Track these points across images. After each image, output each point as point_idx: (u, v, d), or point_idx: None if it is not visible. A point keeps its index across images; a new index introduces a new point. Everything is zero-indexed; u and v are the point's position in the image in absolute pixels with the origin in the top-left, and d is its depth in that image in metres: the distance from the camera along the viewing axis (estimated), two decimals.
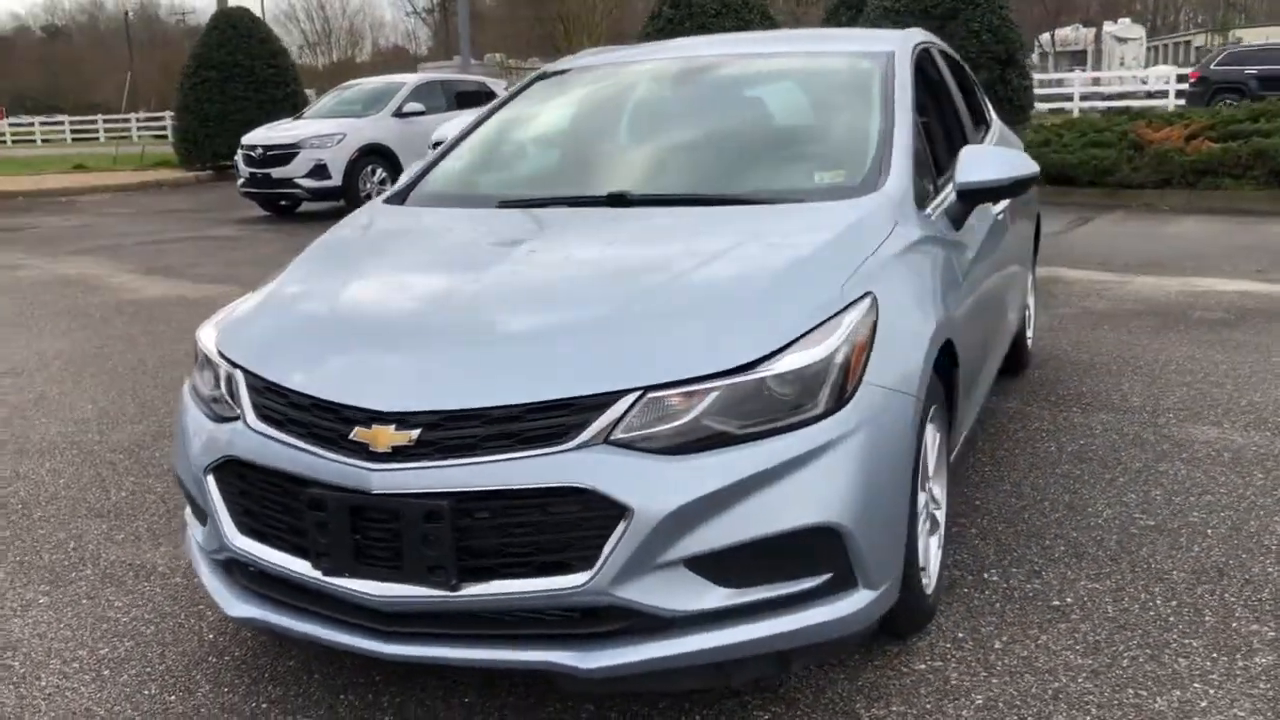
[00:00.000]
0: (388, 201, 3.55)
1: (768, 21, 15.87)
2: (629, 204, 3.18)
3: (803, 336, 2.42)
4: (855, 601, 2.42)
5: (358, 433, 2.34)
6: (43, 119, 49.46)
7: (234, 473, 2.54)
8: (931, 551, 3.00)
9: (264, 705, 2.68)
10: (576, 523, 2.24)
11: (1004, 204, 4.01)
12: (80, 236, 12.83)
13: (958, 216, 3.34)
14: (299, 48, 64.56)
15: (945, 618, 2.99)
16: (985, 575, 3.23)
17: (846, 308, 2.52)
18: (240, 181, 14.33)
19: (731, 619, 2.33)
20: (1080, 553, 3.35)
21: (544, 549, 2.26)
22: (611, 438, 2.26)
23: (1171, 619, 2.94)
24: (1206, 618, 2.94)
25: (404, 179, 3.73)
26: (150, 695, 2.75)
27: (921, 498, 2.84)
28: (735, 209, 3.07)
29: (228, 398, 2.63)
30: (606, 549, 2.22)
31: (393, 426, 2.31)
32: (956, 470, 3.98)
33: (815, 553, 2.36)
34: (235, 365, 2.65)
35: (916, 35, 4.08)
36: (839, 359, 2.42)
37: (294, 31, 67.28)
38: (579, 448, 2.25)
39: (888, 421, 2.47)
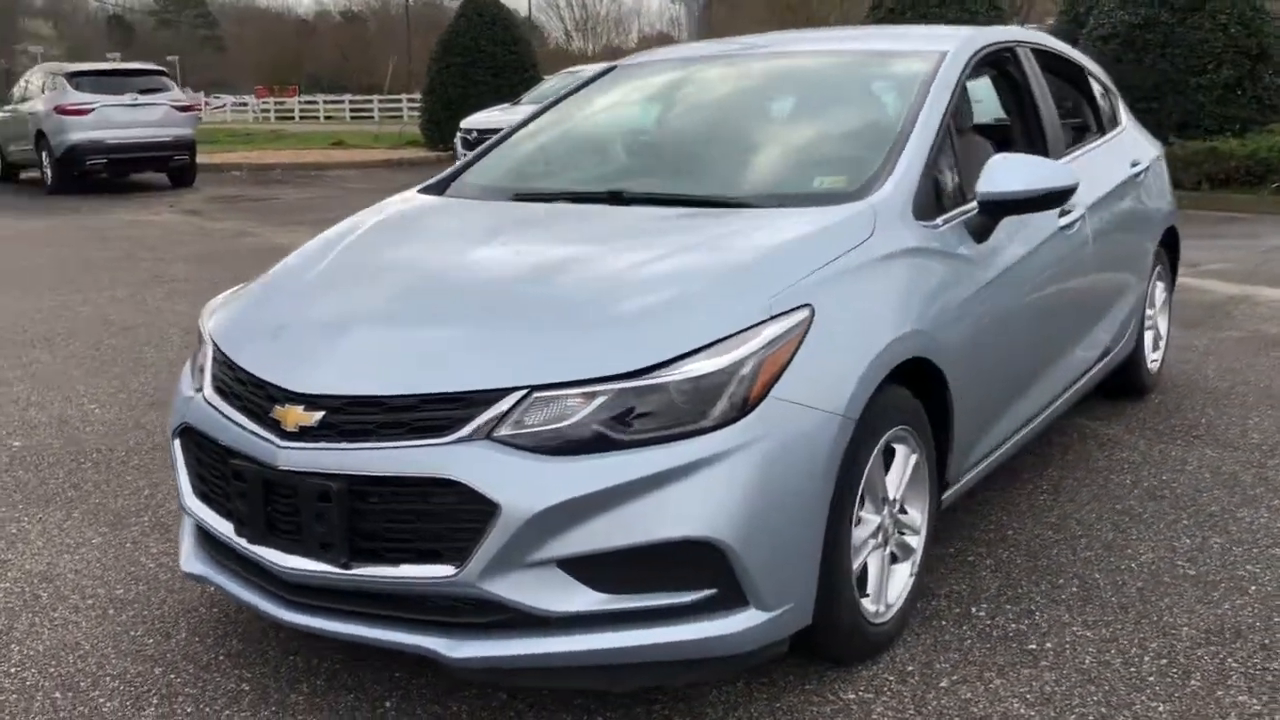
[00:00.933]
0: (425, 190, 3.68)
1: (995, 12, 15.17)
2: (624, 202, 3.18)
3: (709, 345, 2.37)
4: (743, 621, 2.36)
5: (275, 410, 2.48)
6: (328, 98, 53.35)
7: (191, 438, 2.74)
8: (895, 579, 2.87)
9: (221, 657, 2.88)
10: (453, 514, 2.29)
11: (1074, 215, 3.73)
12: (308, 208, 13.83)
13: (979, 229, 3.15)
14: (564, 35, 66.71)
15: (906, 649, 2.85)
16: (973, 609, 3.05)
17: (771, 319, 2.45)
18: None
19: (608, 624, 2.32)
20: (1090, 597, 3.10)
21: (423, 537, 2.33)
22: (494, 434, 2.29)
23: (1151, 679, 2.69)
24: (1192, 682, 2.67)
25: (454, 167, 3.86)
26: (134, 636, 3.00)
27: (872, 520, 2.72)
28: (717, 212, 3.02)
29: (199, 369, 2.84)
30: (477, 543, 2.26)
31: (301, 407, 2.43)
32: (988, 496, 3.77)
33: (697, 566, 2.31)
34: (211, 339, 2.85)
35: (989, 35, 3.84)
36: (744, 371, 2.36)
37: (554, 19, 69.59)
38: (459, 441, 2.30)
39: (795, 438, 2.38)
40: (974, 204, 3.16)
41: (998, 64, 3.93)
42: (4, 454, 4.51)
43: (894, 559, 2.90)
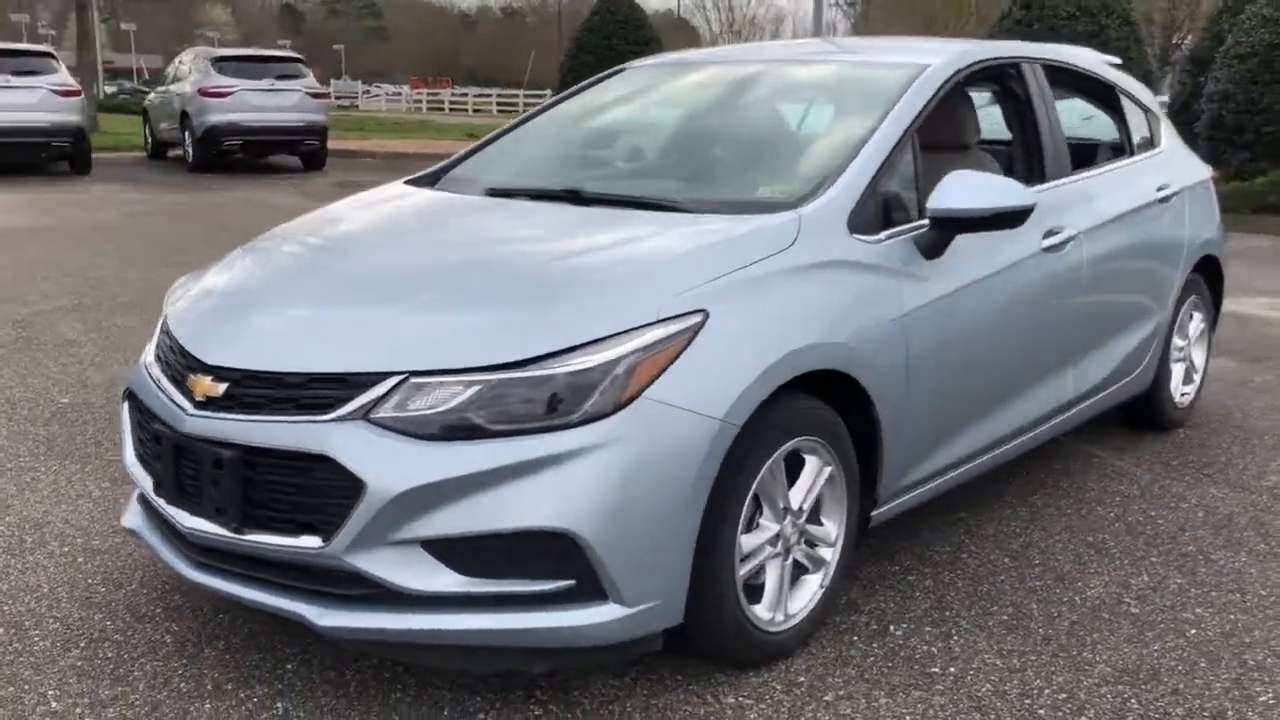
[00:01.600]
0: (412, 181, 3.81)
1: (1127, 27, 14.61)
2: (581, 200, 3.25)
3: (588, 344, 2.43)
4: (601, 614, 2.41)
5: (189, 379, 2.63)
6: (477, 91, 54.75)
7: (134, 403, 2.93)
8: (803, 590, 2.88)
9: (158, 610, 3.06)
10: (326, 490, 2.40)
11: (1062, 236, 3.63)
12: None
13: (930, 245, 3.11)
14: (714, 36, 66.78)
15: (806, 660, 2.84)
16: (891, 628, 3.02)
17: (658, 322, 2.49)
18: None
19: (467, 606, 2.40)
20: (1018, 626, 3.04)
21: (301, 509, 2.44)
22: (371, 415, 2.40)
23: (1041, 712, 2.63)
24: (1082, 719, 2.60)
25: (453, 158, 3.99)
26: (90, 585, 3.20)
27: (771, 528, 2.74)
28: (650, 215, 3.06)
29: (152, 337, 3.03)
30: (345, 518, 2.37)
31: (210, 378, 2.58)
32: (958, 517, 3.71)
33: (555, 557, 2.37)
34: (164, 310, 3.04)
35: (986, 50, 3.76)
36: (619, 370, 2.41)
37: (701, 21, 69.87)
38: (338, 420, 2.41)
39: (666, 439, 2.42)
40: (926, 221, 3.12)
41: (1000, 79, 3.85)
42: (49, 409, 4.85)
43: (803, 570, 2.90)
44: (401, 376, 2.41)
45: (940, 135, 3.90)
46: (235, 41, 62.91)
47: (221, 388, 2.55)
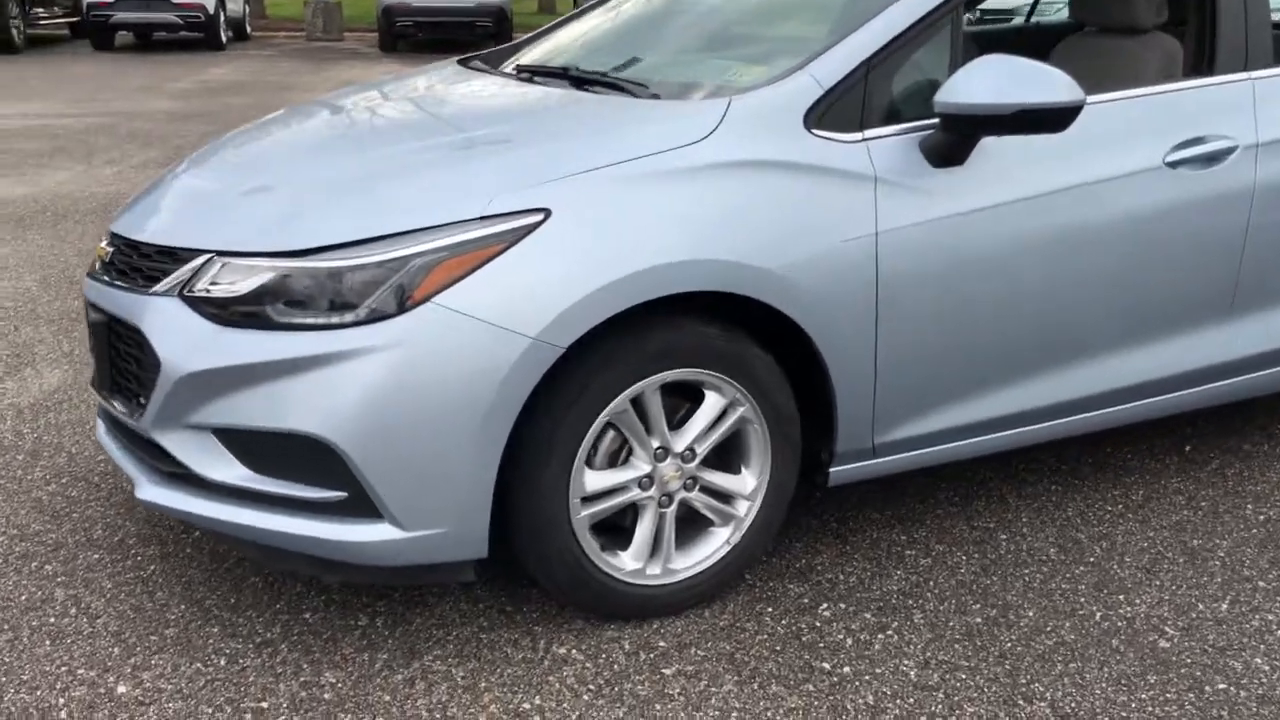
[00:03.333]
0: (464, 61, 3.57)
1: None
2: (571, 78, 2.91)
3: (385, 238, 2.18)
4: (377, 533, 2.21)
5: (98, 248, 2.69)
6: None
7: None
8: (700, 545, 2.51)
9: (121, 517, 3.18)
10: (145, 363, 2.37)
11: (1209, 147, 2.75)
12: None
13: (940, 149, 2.47)
14: None
15: (683, 624, 2.47)
16: (821, 607, 2.54)
17: (480, 219, 2.19)
18: None
19: (255, 502, 2.30)
20: (977, 637, 2.43)
21: (136, 381, 2.43)
22: (185, 292, 2.32)
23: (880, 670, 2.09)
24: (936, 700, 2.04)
25: (519, 40, 3.73)
26: (56, 488, 3.09)
27: (641, 468, 2.38)
28: (604, 98, 2.66)
29: None
30: (152, 392, 2.33)
31: (105, 243, 2.62)
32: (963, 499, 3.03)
33: (324, 464, 2.20)
34: None
35: None
36: (411, 268, 2.15)
37: None
38: (156, 294, 2.35)
39: (454, 354, 2.13)
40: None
41: None
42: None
43: (706, 523, 2.50)
44: (210, 255, 2.30)
45: (1104, 12, 3.10)
46: None
47: (109, 254, 2.58)
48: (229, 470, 2.29)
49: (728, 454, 2.52)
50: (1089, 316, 2.74)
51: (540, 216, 2.20)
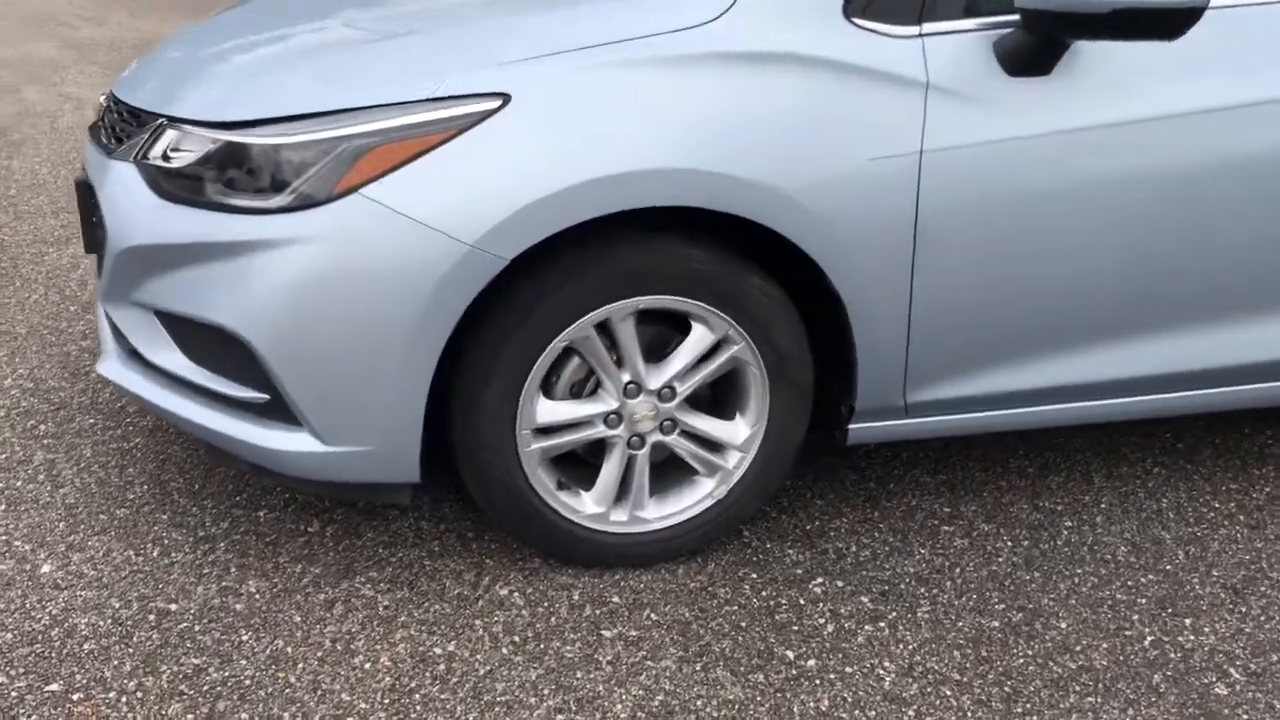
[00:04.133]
0: None
1: None
2: None
3: (317, 115, 1.93)
4: (298, 443, 2.02)
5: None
6: None
7: None
8: (686, 495, 2.22)
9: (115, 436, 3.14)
10: (102, 231, 2.23)
11: None
12: None
13: (1017, 54, 1.99)
14: None
15: (644, 581, 2.18)
16: (813, 584, 2.19)
17: (426, 100, 1.90)
18: None
19: (192, 393, 2.14)
20: (981, 646, 2.04)
21: (102, 249, 2.30)
22: (139, 158, 2.14)
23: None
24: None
25: None
26: (87, 345, 3.05)
27: (607, 403, 2.09)
28: None
29: None
30: (105, 259, 2.20)
31: (104, 99, 2.48)
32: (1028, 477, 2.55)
33: (242, 362, 2.01)
34: None
35: None
36: (339, 152, 1.89)
37: None
38: (119, 157, 2.19)
39: (378, 254, 1.88)
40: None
41: None
42: None
43: (691, 471, 2.19)
44: (161, 122, 2.11)
45: None
46: None
47: (102, 111, 2.44)
48: (170, 356, 2.14)
49: (726, 397, 2.19)
50: (1202, 276, 2.21)
51: (497, 103, 1.89)
